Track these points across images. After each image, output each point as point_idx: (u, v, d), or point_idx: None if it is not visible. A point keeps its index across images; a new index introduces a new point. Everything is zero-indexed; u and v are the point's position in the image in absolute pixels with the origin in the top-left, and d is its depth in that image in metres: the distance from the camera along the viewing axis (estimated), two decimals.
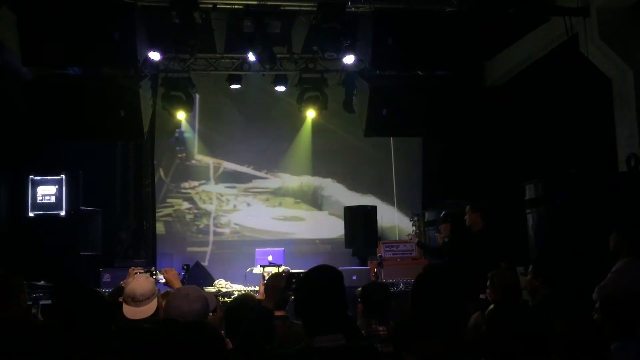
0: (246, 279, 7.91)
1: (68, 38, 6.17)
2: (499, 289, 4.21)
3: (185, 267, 6.85)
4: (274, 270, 7.48)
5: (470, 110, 8.34)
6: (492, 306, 2.65)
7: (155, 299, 3.45)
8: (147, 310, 3.37)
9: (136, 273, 3.96)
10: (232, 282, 7.85)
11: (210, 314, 3.13)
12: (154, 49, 7.54)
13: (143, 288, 3.41)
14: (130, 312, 3.36)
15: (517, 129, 8.56)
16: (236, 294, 7.08)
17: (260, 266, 7.66)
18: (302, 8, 7.28)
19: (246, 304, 3.31)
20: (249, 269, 7.89)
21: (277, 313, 3.18)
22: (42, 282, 6.72)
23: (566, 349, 2.66)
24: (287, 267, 7.59)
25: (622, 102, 6.85)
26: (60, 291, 2.91)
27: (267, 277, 2.98)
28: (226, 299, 6.98)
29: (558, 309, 3.99)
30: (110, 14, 6.31)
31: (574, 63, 7.15)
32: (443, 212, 6.80)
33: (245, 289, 7.38)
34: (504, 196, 7.58)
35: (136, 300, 3.37)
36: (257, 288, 7.35)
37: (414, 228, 9.49)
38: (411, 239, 7.89)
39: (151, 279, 3.68)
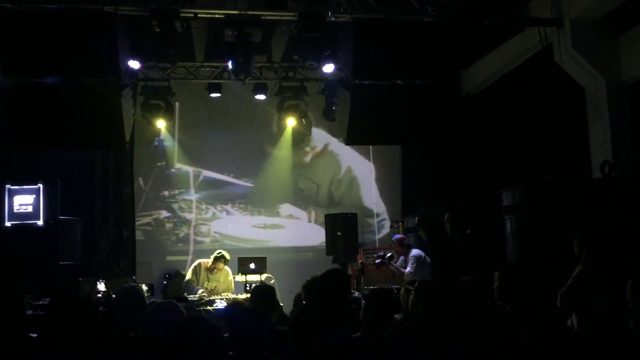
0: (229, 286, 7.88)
1: (49, 47, 6.13)
2: None
3: (167, 275, 6.83)
4: (256, 278, 7.50)
5: (448, 118, 8.51)
6: None
7: None
8: None
9: None
10: None
11: None
12: (134, 57, 7.52)
13: None
14: None
15: (494, 137, 8.71)
16: (218, 302, 7.06)
17: (242, 274, 7.65)
18: (282, 18, 7.34)
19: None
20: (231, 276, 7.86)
21: None
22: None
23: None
24: (270, 275, 7.64)
25: (595, 110, 7.04)
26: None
27: None
28: (208, 308, 6.97)
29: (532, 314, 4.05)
30: (91, 23, 6.29)
31: (549, 72, 7.33)
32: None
33: (232, 296, 7.35)
34: (482, 202, 7.70)
35: None
36: (239, 296, 7.36)
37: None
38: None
39: None
